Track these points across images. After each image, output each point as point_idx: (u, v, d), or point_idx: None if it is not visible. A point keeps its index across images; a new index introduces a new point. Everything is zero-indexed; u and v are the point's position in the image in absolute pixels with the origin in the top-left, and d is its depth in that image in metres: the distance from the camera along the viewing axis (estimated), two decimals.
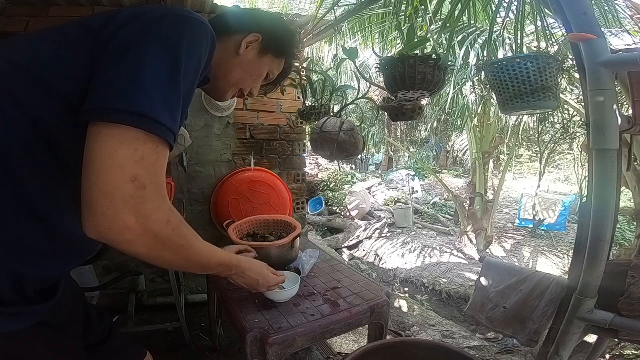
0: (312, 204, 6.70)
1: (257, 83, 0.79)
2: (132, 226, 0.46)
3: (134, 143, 0.46)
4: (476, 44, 2.12)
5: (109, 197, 0.44)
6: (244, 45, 0.71)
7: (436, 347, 0.96)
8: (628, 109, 0.94)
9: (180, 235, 0.54)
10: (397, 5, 1.69)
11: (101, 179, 0.44)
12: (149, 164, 0.47)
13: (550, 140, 4.48)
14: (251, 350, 0.93)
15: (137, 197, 0.46)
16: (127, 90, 0.46)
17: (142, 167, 0.46)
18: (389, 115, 1.28)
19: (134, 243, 0.48)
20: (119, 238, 0.47)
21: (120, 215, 0.45)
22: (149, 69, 0.47)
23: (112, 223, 0.45)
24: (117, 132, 0.45)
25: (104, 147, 0.45)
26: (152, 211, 0.48)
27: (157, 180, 0.49)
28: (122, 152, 0.45)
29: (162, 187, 0.50)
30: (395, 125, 10.84)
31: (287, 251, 1.30)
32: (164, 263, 0.55)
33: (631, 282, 0.86)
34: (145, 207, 0.47)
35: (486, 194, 4.79)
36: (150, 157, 0.47)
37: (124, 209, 0.45)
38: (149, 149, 0.47)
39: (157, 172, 0.49)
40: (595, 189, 0.84)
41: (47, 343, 0.60)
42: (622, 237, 4.46)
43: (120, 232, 0.46)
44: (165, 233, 0.51)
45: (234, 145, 2.26)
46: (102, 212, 0.45)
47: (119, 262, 2.04)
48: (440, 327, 2.39)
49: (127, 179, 0.45)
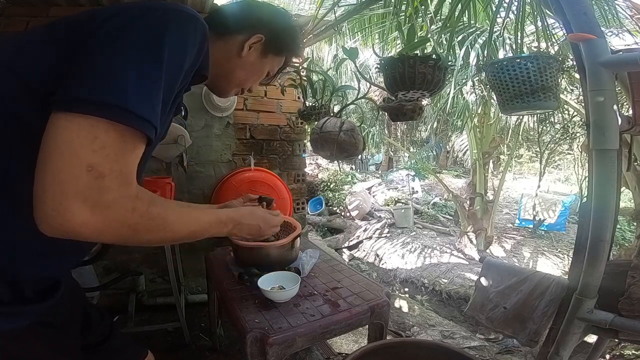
0: (312, 204, 6.70)
1: (257, 81, 0.80)
2: (88, 220, 0.43)
3: (93, 131, 0.43)
4: (476, 44, 2.12)
5: (60, 189, 0.41)
6: (247, 47, 0.70)
7: (436, 347, 0.96)
8: (628, 109, 0.94)
9: (152, 217, 0.51)
10: (397, 5, 1.69)
11: (53, 167, 0.41)
12: (111, 153, 0.44)
13: (550, 140, 4.48)
14: (251, 350, 0.92)
15: (93, 188, 0.43)
16: (93, 79, 0.44)
17: (100, 155, 0.43)
18: (389, 115, 1.28)
19: (97, 237, 0.46)
20: (76, 234, 0.44)
21: (73, 210, 0.42)
22: (121, 60, 0.46)
23: (64, 219, 0.42)
24: (76, 120, 0.43)
25: (59, 135, 0.42)
26: (112, 202, 0.45)
27: (119, 169, 0.45)
28: (78, 140, 0.42)
29: (125, 175, 0.46)
30: (395, 125, 10.83)
31: (287, 251, 1.30)
32: (149, 243, 0.54)
33: (631, 282, 0.86)
34: (104, 198, 0.44)
35: (486, 194, 4.78)
36: (113, 145, 0.44)
37: (76, 203, 0.42)
38: (111, 137, 0.44)
39: (121, 160, 0.46)
40: (595, 189, 0.84)
41: (47, 343, 0.59)
42: (622, 237, 4.46)
43: (77, 228, 0.43)
44: (133, 220, 0.48)
45: (234, 145, 2.27)
46: (52, 206, 0.42)
47: (119, 262, 2.04)
48: (440, 327, 2.39)
49: (82, 168, 0.42)
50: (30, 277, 0.56)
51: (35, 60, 0.51)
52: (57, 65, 0.49)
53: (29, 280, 0.55)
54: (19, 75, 0.50)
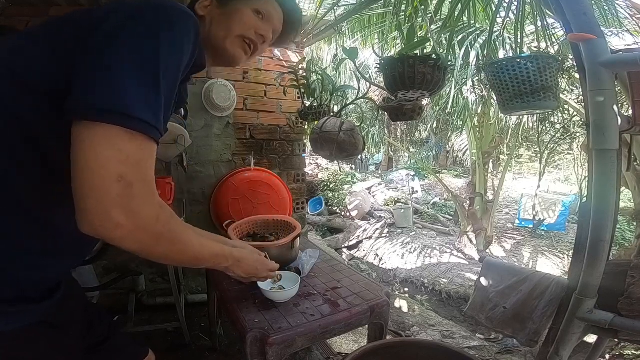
0: (312, 204, 6.70)
1: (249, 27, 0.72)
2: (123, 223, 0.47)
3: (117, 142, 0.46)
4: (476, 44, 2.12)
5: (96, 197, 0.45)
6: (202, 9, 0.69)
7: (436, 347, 0.96)
8: (628, 109, 0.94)
9: (171, 230, 0.54)
10: (397, 5, 1.69)
11: (88, 180, 0.45)
12: (134, 162, 0.47)
13: (550, 140, 4.47)
14: (251, 350, 0.92)
15: (124, 196, 0.46)
16: (107, 88, 0.46)
17: (126, 166, 0.46)
18: (389, 115, 1.28)
19: (126, 239, 0.49)
20: (111, 235, 0.47)
21: (111, 213, 0.46)
22: (129, 66, 0.47)
23: (103, 221, 0.46)
24: (100, 131, 0.45)
25: (87, 148, 0.45)
26: (140, 208, 0.48)
27: (144, 178, 0.49)
28: (105, 153, 0.45)
29: (149, 183, 0.50)
30: (395, 125, 10.83)
31: (287, 251, 1.30)
32: (159, 258, 0.56)
33: (631, 282, 0.86)
34: (133, 204, 0.47)
35: (486, 194, 4.78)
36: (135, 155, 0.47)
37: (113, 208, 0.46)
38: (133, 147, 0.47)
39: (143, 169, 0.49)
40: (595, 189, 0.84)
41: (48, 343, 0.60)
42: (622, 237, 4.46)
43: (112, 229, 0.47)
44: (156, 229, 0.51)
45: (234, 145, 2.26)
46: (92, 210, 0.46)
47: (119, 262, 2.04)
48: (440, 327, 2.39)
49: (113, 179, 0.45)
50: (31, 277, 0.56)
51: (32, 60, 0.51)
52: (54, 64, 0.50)
53: (30, 280, 0.56)
54: (17, 75, 0.50)
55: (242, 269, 0.80)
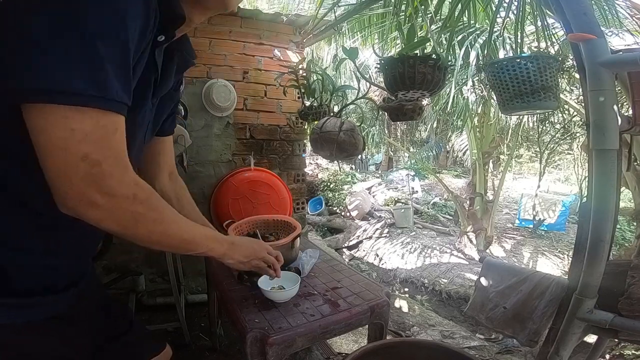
0: (312, 204, 6.70)
1: None
2: (99, 202, 0.46)
3: (68, 122, 0.42)
4: (476, 44, 2.12)
5: (66, 179, 0.44)
6: None
7: (436, 347, 0.96)
8: (628, 109, 0.94)
9: (151, 208, 0.53)
10: (397, 5, 1.69)
11: (53, 164, 0.44)
12: (96, 139, 0.44)
13: (550, 140, 4.48)
14: (251, 350, 0.92)
15: (94, 174, 0.45)
16: (40, 67, 0.41)
17: (88, 144, 0.44)
18: (389, 115, 1.28)
19: (104, 219, 0.48)
20: (88, 214, 0.47)
21: (85, 193, 0.45)
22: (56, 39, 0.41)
23: (78, 200, 0.45)
24: (48, 113, 0.42)
25: (40, 133, 0.43)
26: (114, 187, 0.47)
27: (112, 154, 0.46)
28: (59, 134, 0.42)
29: (119, 159, 0.48)
30: (395, 125, 10.83)
31: (287, 251, 1.30)
32: (143, 240, 0.54)
33: (631, 282, 0.86)
34: (106, 183, 0.46)
35: (486, 194, 4.78)
36: (95, 132, 0.44)
37: (85, 187, 0.45)
38: (89, 124, 0.43)
39: (109, 144, 0.46)
40: (595, 189, 0.84)
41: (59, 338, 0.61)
42: (622, 237, 4.46)
43: (88, 208, 0.46)
44: (133, 207, 0.50)
45: (234, 145, 2.26)
46: (64, 191, 0.45)
47: (119, 262, 2.04)
48: (440, 327, 2.39)
49: (77, 159, 0.43)
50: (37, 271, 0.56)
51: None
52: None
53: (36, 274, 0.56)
54: None
55: (239, 252, 0.78)
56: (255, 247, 0.85)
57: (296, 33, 2.36)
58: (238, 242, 0.80)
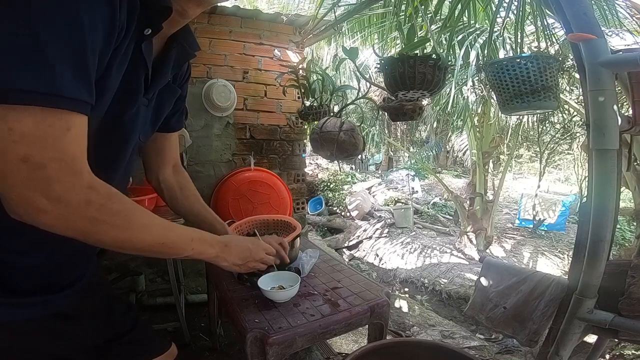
0: (312, 204, 6.70)
1: None
2: (47, 209, 0.42)
3: (6, 122, 0.39)
4: (476, 44, 2.12)
5: (6, 182, 0.41)
6: None
7: (436, 347, 0.96)
8: (628, 109, 0.94)
9: (112, 213, 0.48)
10: (397, 5, 1.69)
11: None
12: (37, 140, 0.40)
13: (550, 140, 4.48)
14: (251, 350, 0.92)
15: (37, 179, 0.41)
16: None
17: (27, 145, 0.40)
18: (389, 115, 1.28)
19: (56, 226, 0.44)
20: (37, 221, 0.43)
21: (30, 198, 0.41)
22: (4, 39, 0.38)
23: (24, 206, 0.42)
24: None
25: None
26: (63, 192, 0.43)
27: (58, 157, 0.42)
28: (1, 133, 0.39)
29: (68, 163, 0.43)
30: (395, 125, 10.82)
31: (287, 251, 1.30)
32: (112, 245, 0.51)
33: (631, 282, 0.86)
34: (53, 188, 0.42)
35: (486, 194, 4.79)
36: (35, 132, 0.40)
37: (30, 192, 0.41)
38: (28, 124, 0.39)
39: (54, 146, 0.41)
40: (595, 189, 0.84)
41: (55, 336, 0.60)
42: (622, 237, 4.46)
43: (36, 215, 0.42)
44: (88, 213, 0.46)
45: (233, 145, 2.26)
46: (9, 196, 0.42)
47: (119, 262, 2.04)
48: (440, 327, 2.39)
49: (15, 162, 0.40)
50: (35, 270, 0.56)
51: None
52: None
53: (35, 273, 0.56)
54: None
55: (233, 254, 0.73)
56: (252, 247, 0.79)
57: (296, 33, 2.36)
58: (232, 244, 0.74)
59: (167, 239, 0.57)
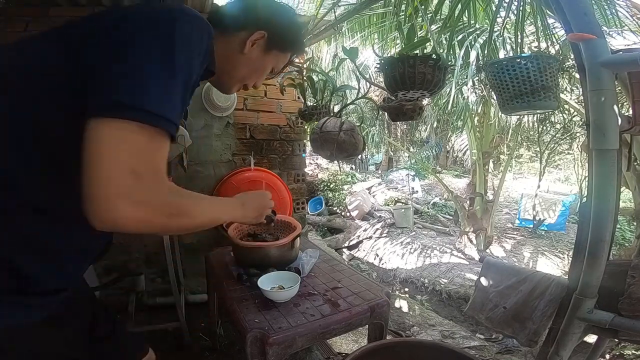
0: (312, 204, 6.70)
1: (261, 77, 0.80)
2: (132, 215, 0.47)
3: (128, 135, 0.47)
4: (476, 44, 2.12)
5: (108, 190, 0.46)
6: (249, 44, 0.71)
7: (436, 347, 0.96)
8: (628, 109, 0.94)
9: (182, 209, 0.56)
10: (397, 5, 1.69)
11: (101, 171, 0.46)
12: (144, 154, 0.48)
13: (550, 140, 4.48)
14: (251, 350, 0.93)
15: (135, 188, 0.47)
16: (119, 85, 0.47)
17: (137, 158, 0.47)
18: (389, 115, 1.28)
19: (139, 228, 0.50)
20: (122, 227, 0.48)
21: (119, 207, 0.46)
22: (141, 64, 0.49)
23: (113, 216, 0.47)
24: (117, 125, 0.46)
25: (99, 142, 0.46)
26: (150, 198, 0.49)
27: (153, 168, 0.50)
28: (116, 146, 0.46)
29: (157, 173, 0.51)
30: (395, 125, 10.82)
31: (287, 251, 1.30)
32: (178, 231, 0.62)
33: (631, 282, 0.86)
34: (143, 195, 0.48)
35: (486, 194, 4.79)
36: (146, 147, 0.48)
37: (122, 201, 0.46)
38: (142, 140, 0.48)
39: (154, 160, 0.50)
40: (595, 189, 0.84)
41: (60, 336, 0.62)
42: (622, 237, 4.47)
43: (123, 222, 0.47)
44: (167, 212, 0.53)
45: (234, 145, 2.26)
46: (104, 206, 0.46)
47: (119, 262, 2.04)
48: (440, 327, 2.39)
49: (124, 172, 0.46)
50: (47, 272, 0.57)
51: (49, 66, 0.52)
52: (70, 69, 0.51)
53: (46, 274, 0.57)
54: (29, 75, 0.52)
55: (251, 209, 0.83)
56: (260, 199, 0.86)
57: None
58: (247, 201, 0.82)
59: (215, 216, 0.66)
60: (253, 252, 1.29)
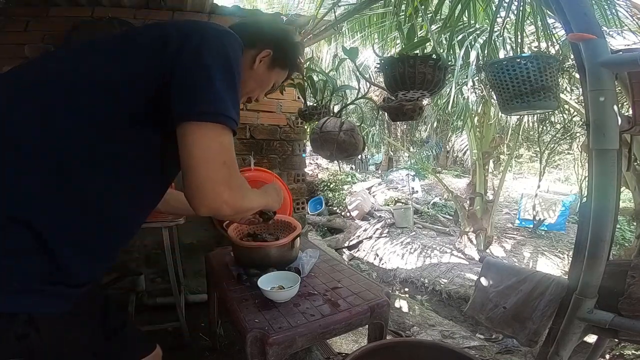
0: (312, 204, 6.70)
1: (264, 92, 0.91)
2: (228, 198, 0.61)
3: (220, 136, 0.60)
4: (476, 44, 2.12)
5: (211, 181, 0.59)
6: (258, 60, 0.81)
7: (436, 347, 0.96)
8: (628, 109, 0.94)
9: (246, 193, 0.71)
10: (397, 5, 1.69)
11: (203, 167, 0.58)
12: (229, 149, 0.62)
13: (550, 140, 4.48)
14: (251, 350, 0.93)
15: (229, 176, 0.61)
16: (209, 97, 0.59)
17: (226, 153, 0.61)
18: (389, 115, 1.28)
19: (230, 210, 0.63)
20: (220, 211, 0.61)
21: (222, 193, 0.60)
22: (218, 79, 0.61)
23: (218, 200, 0.60)
24: (209, 128, 0.59)
25: (200, 141, 0.58)
26: (236, 183, 0.63)
27: (234, 159, 0.63)
28: (214, 144, 0.59)
29: (235, 163, 0.64)
30: (395, 125, 10.82)
31: (287, 251, 1.30)
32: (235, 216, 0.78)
33: (631, 282, 0.86)
34: (232, 181, 0.62)
35: (486, 194, 4.78)
36: (228, 143, 0.62)
37: (222, 187, 0.59)
38: (227, 138, 0.61)
39: (233, 153, 0.63)
40: (595, 189, 0.84)
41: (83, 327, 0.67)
42: (622, 237, 4.46)
43: (221, 205, 0.60)
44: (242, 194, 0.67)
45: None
46: (211, 194, 0.59)
47: (119, 262, 2.04)
48: (440, 327, 2.39)
49: (221, 164, 0.59)
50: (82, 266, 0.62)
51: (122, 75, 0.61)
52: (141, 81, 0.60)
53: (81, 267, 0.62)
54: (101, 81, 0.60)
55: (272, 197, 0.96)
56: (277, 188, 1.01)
57: (296, 33, 2.36)
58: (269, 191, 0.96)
59: (258, 204, 0.80)
60: (253, 252, 1.29)
